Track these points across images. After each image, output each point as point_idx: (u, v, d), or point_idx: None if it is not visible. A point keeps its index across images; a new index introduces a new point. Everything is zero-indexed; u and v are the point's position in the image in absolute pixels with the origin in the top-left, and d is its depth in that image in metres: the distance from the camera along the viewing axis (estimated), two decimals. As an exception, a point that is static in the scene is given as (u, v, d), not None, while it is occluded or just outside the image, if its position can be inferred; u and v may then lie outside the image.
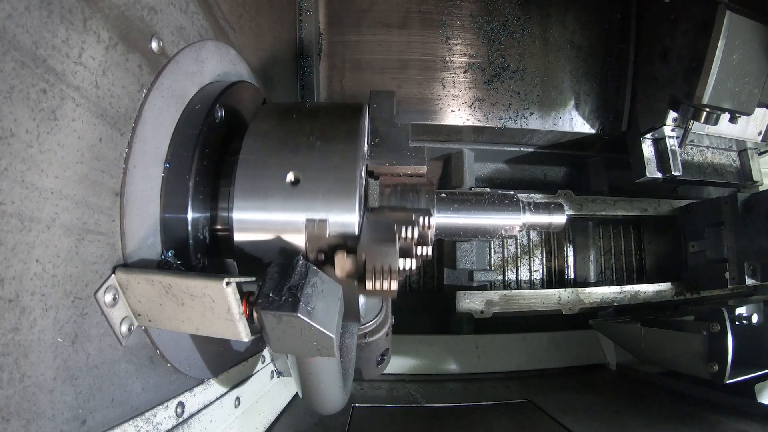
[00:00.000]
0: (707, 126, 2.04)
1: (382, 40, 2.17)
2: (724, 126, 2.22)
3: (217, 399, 1.12)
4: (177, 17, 0.95)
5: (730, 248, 2.09)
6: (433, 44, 2.18)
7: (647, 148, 2.22)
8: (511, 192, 1.19)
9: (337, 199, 0.88)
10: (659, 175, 2.20)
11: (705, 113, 1.41)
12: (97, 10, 0.71)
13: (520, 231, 1.13)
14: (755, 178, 2.46)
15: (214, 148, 0.99)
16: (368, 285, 0.81)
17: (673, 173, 2.15)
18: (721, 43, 1.22)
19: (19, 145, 0.58)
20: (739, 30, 1.20)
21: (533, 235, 2.55)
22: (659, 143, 2.21)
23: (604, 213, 2.35)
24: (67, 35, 0.65)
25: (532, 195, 2.31)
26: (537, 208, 1.14)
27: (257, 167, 0.90)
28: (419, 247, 0.93)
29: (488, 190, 2.37)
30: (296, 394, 1.66)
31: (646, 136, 2.21)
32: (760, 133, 2.32)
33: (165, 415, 0.91)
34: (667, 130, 2.13)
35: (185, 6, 0.98)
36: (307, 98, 2.07)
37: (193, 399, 1.01)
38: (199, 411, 1.03)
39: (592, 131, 2.32)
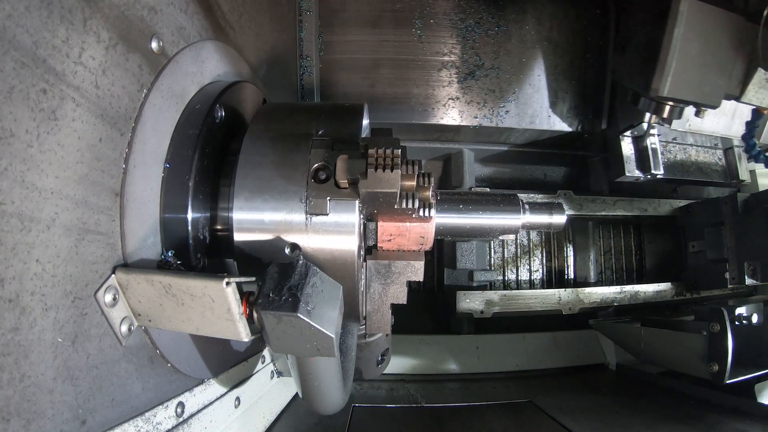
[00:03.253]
0: (689, 122, 1.98)
1: (354, 39, 2.13)
2: (708, 123, 2.18)
3: (217, 399, 1.12)
4: (177, 17, 0.95)
5: (730, 248, 2.09)
6: (406, 43, 2.14)
7: (626, 147, 2.18)
8: (512, 192, 1.19)
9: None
10: (639, 174, 2.16)
11: (668, 107, 1.34)
12: (97, 10, 0.71)
13: (519, 231, 1.13)
14: (742, 177, 2.41)
15: (214, 148, 0.99)
16: (370, 175, 0.80)
17: (653, 172, 2.11)
18: (678, 31, 1.13)
19: (19, 145, 0.58)
20: (699, 17, 1.11)
21: (533, 235, 2.55)
22: (639, 141, 2.17)
23: (604, 213, 2.35)
24: (67, 35, 0.65)
25: (532, 195, 2.31)
26: (537, 208, 1.14)
27: (257, 167, 0.90)
28: (420, 208, 0.93)
29: (488, 190, 2.37)
30: (296, 394, 1.66)
31: (625, 133, 2.17)
32: None
33: (165, 415, 0.91)
34: (647, 127, 2.09)
35: (185, 6, 0.98)
36: (306, 98, 2.07)
37: (193, 399, 1.01)
38: (199, 411, 1.03)
39: (572, 129, 2.27)
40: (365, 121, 1.03)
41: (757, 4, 1.15)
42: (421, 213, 0.93)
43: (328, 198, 0.85)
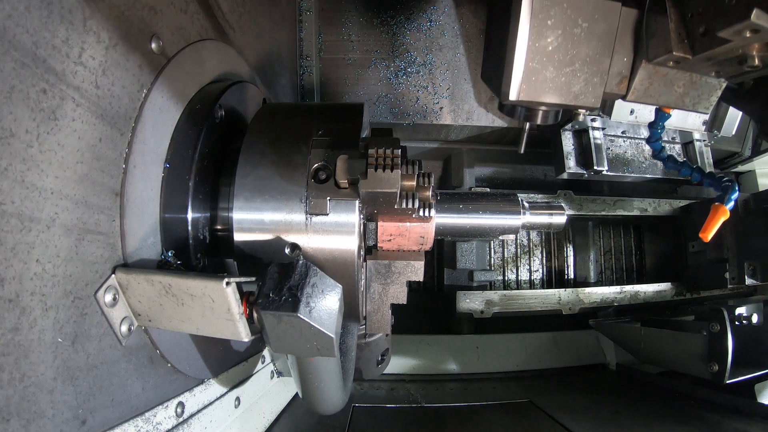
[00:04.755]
0: (635, 114, 1.82)
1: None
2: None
3: (217, 399, 1.12)
4: (177, 17, 0.95)
5: (730, 248, 2.09)
6: (333, 42, 2.10)
7: (567, 141, 2.09)
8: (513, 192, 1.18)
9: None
10: (581, 170, 2.09)
11: (540, 112, 1.11)
12: (97, 10, 0.71)
13: (519, 231, 1.13)
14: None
15: (214, 148, 0.99)
16: (370, 175, 0.79)
17: (596, 168, 2.04)
18: (525, 26, 0.92)
19: (19, 145, 0.58)
20: (553, 6, 0.91)
21: (533, 235, 2.55)
22: (582, 136, 2.09)
23: (604, 213, 2.35)
24: (67, 35, 0.65)
25: (532, 195, 2.31)
26: (537, 208, 1.14)
27: (257, 167, 0.90)
28: (420, 208, 0.93)
29: (488, 190, 2.37)
30: (296, 394, 1.66)
31: (565, 127, 2.08)
32: (704, 123, 2.10)
33: (165, 415, 0.91)
34: (589, 120, 2.01)
35: (185, 6, 0.98)
36: (306, 98, 2.07)
37: (193, 399, 1.01)
38: (199, 411, 1.03)
39: (513, 125, 2.17)
40: (364, 121, 1.03)
41: None
42: (421, 213, 0.93)
43: (328, 198, 0.85)
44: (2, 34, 0.55)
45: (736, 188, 1.30)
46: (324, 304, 0.78)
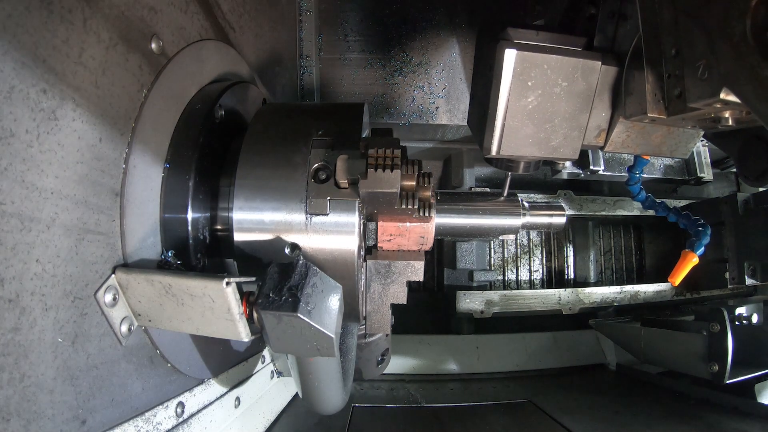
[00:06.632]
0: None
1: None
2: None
3: (217, 399, 1.12)
4: (177, 17, 0.95)
5: (730, 248, 2.09)
6: (333, 42, 2.09)
7: None
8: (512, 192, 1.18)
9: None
10: (576, 170, 2.08)
11: (522, 163, 1.13)
12: (97, 10, 0.71)
13: (519, 231, 1.13)
14: (701, 173, 2.29)
15: (214, 148, 0.99)
16: (370, 175, 0.80)
17: (593, 168, 2.04)
18: (506, 87, 0.94)
19: (19, 145, 0.58)
20: (533, 68, 0.94)
21: (533, 235, 2.55)
22: None
23: (604, 213, 2.35)
24: (67, 35, 0.65)
25: (532, 195, 2.31)
26: (537, 208, 1.14)
27: (257, 167, 0.90)
28: (420, 208, 0.93)
29: (488, 190, 2.37)
30: (296, 394, 1.66)
31: None
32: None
33: (165, 415, 0.91)
34: None
35: (185, 6, 0.98)
36: (306, 98, 2.07)
37: (193, 399, 1.01)
38: (199, 411, 1.03)
39: None
40: (365, 121, 1.03)
41: (622, 43, 1.01)
42: (421, 213, 0.93)
43: (328, 198, 0.85)
44: (2, 34, 0.55)
45: (708, 233, 1.34)
46: (324, 304, 0.78)
